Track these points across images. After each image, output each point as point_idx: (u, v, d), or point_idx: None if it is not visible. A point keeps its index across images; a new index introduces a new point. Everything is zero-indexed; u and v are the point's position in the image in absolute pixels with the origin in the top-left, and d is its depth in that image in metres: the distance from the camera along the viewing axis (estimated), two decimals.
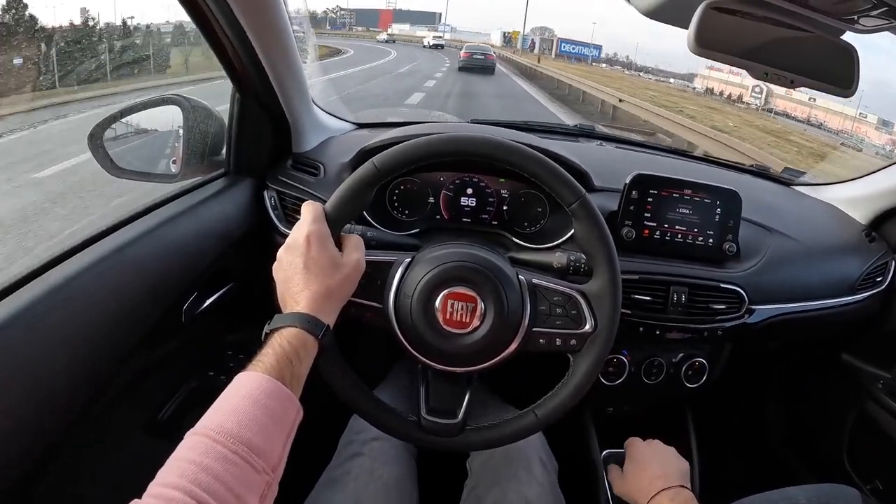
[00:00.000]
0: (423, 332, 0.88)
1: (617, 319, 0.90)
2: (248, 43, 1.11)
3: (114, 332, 0.95)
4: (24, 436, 0.78)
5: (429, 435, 0.92)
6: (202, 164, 1.31)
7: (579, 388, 0.89)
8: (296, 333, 0.74)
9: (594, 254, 0.90)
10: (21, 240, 2.82)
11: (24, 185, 3.68)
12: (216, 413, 0.63)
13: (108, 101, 5.24)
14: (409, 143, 0.88)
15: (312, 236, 0.81)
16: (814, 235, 1.43)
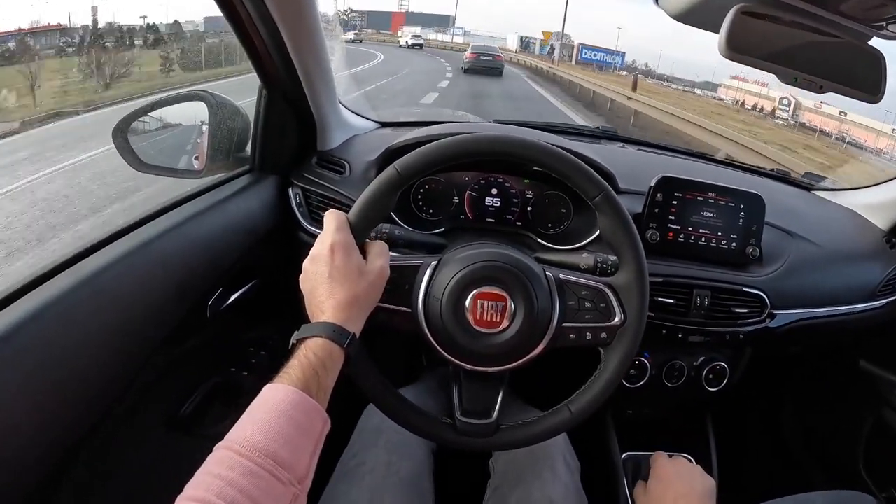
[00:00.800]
0: (453, 334, 0.88)
1: (646, 311, 0.90)
2: (279, 38, 1.11)
3: (140, 327, 0.95)
4: (53, 428, 0.79)
5: (464, 437, 0.91)
6: (227, 161, 1.32)
7: (611, 382, 0.89)
8: (322, 344, 0.74)
9: (620, 246, 0.90)
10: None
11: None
12: (242, 426, 0.64)
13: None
14: (430, 146, 0.88)
15: (336, 245, 0.81)
16: (835, 241, 1.43)
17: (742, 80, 30.26)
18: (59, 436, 0.81)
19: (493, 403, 0.93)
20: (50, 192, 3.89)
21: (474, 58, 21.57)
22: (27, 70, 5.20)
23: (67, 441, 0.83)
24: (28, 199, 3.75)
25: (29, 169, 4.15)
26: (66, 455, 0.83)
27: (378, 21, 67.18)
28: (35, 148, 4.62)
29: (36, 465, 0.77)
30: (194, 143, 1.33)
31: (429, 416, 0.93)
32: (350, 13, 71.30)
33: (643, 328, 0.90)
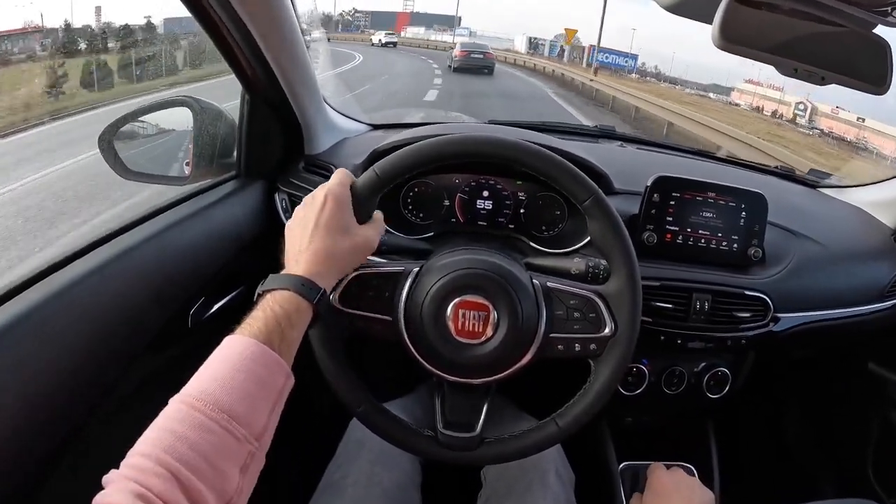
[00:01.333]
0: (435, 344, 0.85)
1: (638, 321, 0.87)
2: (254, 43, 1.09)
3: (118, 338, 0.94)
4: (23, 442, 0.77)
5: (446, 450, 0.89)
6: (212, 167, 1.30)
7: (601, 395, 0.86)
8: (288, 297, 0.71)
9: (611, 253, 0.87)
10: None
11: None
12: (199, 379, 0.62)
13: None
14: (412, 147, 0.85)
15: (331, 195, 0.79)
16: (841, 240, 1.39)
17: (757, 84, 29.18)
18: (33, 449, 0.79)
19: (478, 416, 0.91)
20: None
21: (464, 55, 20.81)
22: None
23: (41, 454, 0.81)
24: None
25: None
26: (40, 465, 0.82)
27: (383, 21, 66.54)
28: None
29: (9, 479, 0.75)
30: (180, 149, 1.31)
31: (410, 428, 0.90)
32: (354, 13, 71.41)
33: (635, 339, 0.86)
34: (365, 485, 1.00)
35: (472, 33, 55.71)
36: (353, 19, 70.36)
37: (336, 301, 0.86)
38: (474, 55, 20.85)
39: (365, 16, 70.84)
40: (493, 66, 21.41)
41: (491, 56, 21.92)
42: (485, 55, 21.25)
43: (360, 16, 70.67)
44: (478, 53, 21.10)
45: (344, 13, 72.06)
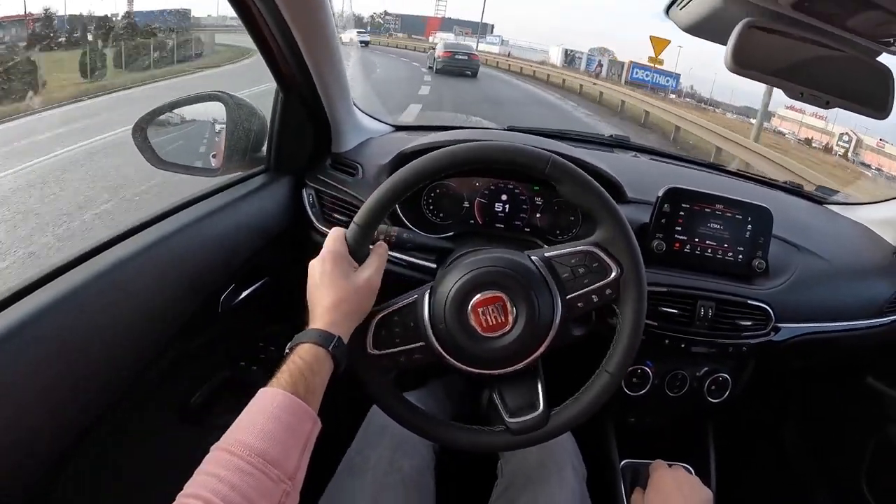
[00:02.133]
0: (470, 349, 0.88)
1: (639, 256, 0.89)
2: (293, 42, 1.14)
3: (155, 320, 0.98)
4: (63, 415, 0.82)
5: (523, 435, 0.91)
6: (243, 161, 1.34)
7: (635, 333, 0.89)
8: (307, 348, 0.78)
9: (588, 205, 0.90)
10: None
11: None
12: (236, 428, 0.68)
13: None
14: (380, 188, 0.89)
15: (328, 254, 0.86)
16: (844, 255, 1.42)
17: (799, 112, 26.35)
18: (68, 422, 0.83)
19: (536, 394, 0.93)
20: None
21: (448, 56, 19.69)
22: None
23: (77, 428, 0.85)
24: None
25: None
26: (75, 442, 0.86)
27: (412, 25, 65.34)
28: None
29: (44, 450, 0.80)
30: (211, 143, 1.35)
31: (486, 431, 0.93)
32: (385, 15, 70.02)
33: (643, 271, 0.90)
34: (385, 469, 1.05)
35: (503, 42, 51.99)
36: (383, 21, 68.67)
37: (371, 348, 0.90)
38: (459, 56, 19.94)
39: (395, 19, 69.59)
40: (477, 68, 20.54)
41: (476, 58, 21.16)
42: (470, 57, 20.47)
43: (391, 18, 69.39)
44: (462, 55, 20.16)
45: (375, 15, 70.59)
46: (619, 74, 35.43)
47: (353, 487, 1.03)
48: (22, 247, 3.28)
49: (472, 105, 12.94)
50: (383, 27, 66.40)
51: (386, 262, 0.91)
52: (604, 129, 12.32)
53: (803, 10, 0.86)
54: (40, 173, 4.22)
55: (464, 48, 21.51)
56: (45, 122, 4.88)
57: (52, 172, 4.32)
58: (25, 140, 4.58)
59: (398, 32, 61.37)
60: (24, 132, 4.59)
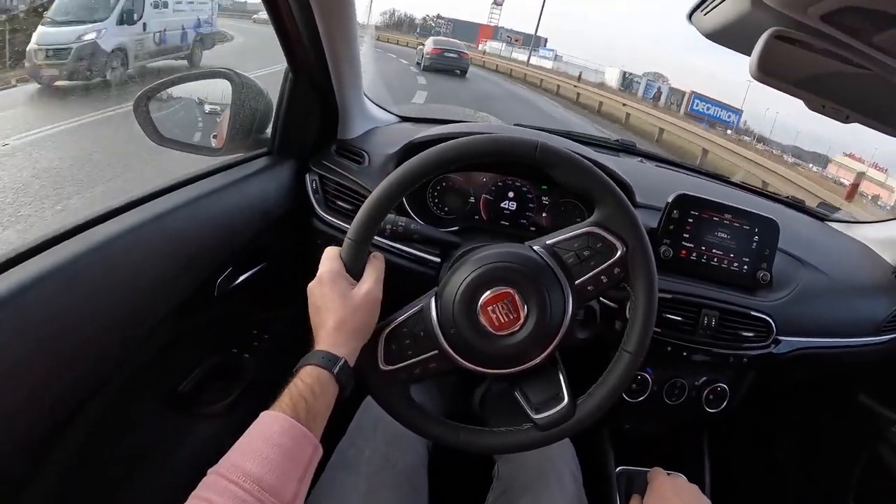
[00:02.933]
0: (485, 350, 0.86)
1: (642, 230, 0.87)
2: (312, 24, 1.12)
3: (149, 298, 0.96)
4: (49, 393, 0.80)
5: (552, 429, 0.88)
6: (247, 141, 1.32)
7: (650, 308, 0.87)
8: (309, 371, 0.76)
9: (583, 186, 0.88)
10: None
11: None
12: (234, 452, 0.66)
13: None
14: (370, 199, 0.86)
15: (322, 275, 0.84)
16: (844, 272, 1.42)
17: (856, 160, 24.19)
18: (53, 403, 0.81)
19: (559, 386, 0.90)
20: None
21: (437, 53, 18.81)
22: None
23: (62, 408, 0.83)
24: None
25: None
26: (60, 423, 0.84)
27: (464, 32, 61.82)
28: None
29: (27, 432, 0.78)
30: (216, 121, 1.33)
31: (511, 431, 0.90)
32: (437, 18, 68.18)
33: (648, 244, 0.87)
34: (380, 464, 1.03)
35: (557, 57, 47.05)
36: (435, 24, 67.01)
37: (384, 364, 0.88)
38: (448, 54, 19.12)
39: (447, 23, 67.74)
40: (467, 67, 19.89)
41: (467, 56, 20.32)
42: (460, 55, 19.61)
43: (443, 22, 67.77)
44: (452, 52, 19.32)
45: (428, 17, 69.11)
46: (679, 104, 32.07)
47: (346, 482, 1.00)
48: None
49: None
50: (434, 30, 64.56)
51: (384, 272, 0.88)
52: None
53: (831, 23, 0.85)
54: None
55: (454, 45, 20.49)
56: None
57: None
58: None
59: (452, 37, 59.82)
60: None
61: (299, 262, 1.35)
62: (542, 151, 0.86)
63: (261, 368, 1.36)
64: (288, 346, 1.44)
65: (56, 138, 4.49)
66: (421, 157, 0.87)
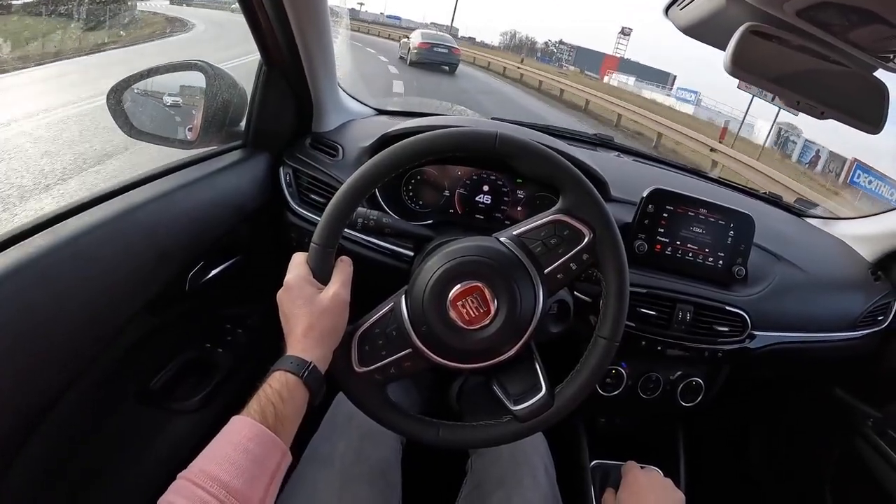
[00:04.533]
0: (458, 345, 0.85)
1: (608, 215, 0.86)
2: (283, 15, 1.10)
3: (118, 293, 0.95)
4: (22, 386, 0.78)
5: (532, 420, 0.87)
6: (220, 134, 1.31)
7: (621, 293, 0.86)
8: (277, 376, 0.76)
9: (546, 173, 0.87)
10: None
11: None
12: (202, 457, 0.67)
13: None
14: (332, 202, 0.85)
15: (289, 281, 0.84)
16: (821, 268, 1.43)
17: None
18: (23, 399, 0.80)
19: (537, 376, 0.89)
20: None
21: (426, 48, 17.02)
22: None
23: (33, 405, 0.82)
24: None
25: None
26: (32, 420, 0.83)
27: (587, 60, 58.58)
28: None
29: (2, 423, 0.77)
30: (188, 113, 1.31)
31: (491, 425, 0.90)
32: (560, 45, 66.06)
33: (616, 229, 0.86)
34: (353, 459, 1.02)
35: (697, 101, 35.52)
36: (556, 50, 65.50)
37: (358, 366, 0.87)
38: (438, 48, 17.30)
39: (570, 49, 65.42)
40: (457, 63, 18.11)
41: (457, 52, 18.27)
42: (450, 50, 17.69)
43: (565, 48, 65.74)
44: (442, 47, 17.43)
45: (550, 42, 67.33)
46: (837, 173, 24.40)
47: (319, 478, 1.00)
48: None
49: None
50: (555, 56, 62.09)
51: (351, 274, 0.88)
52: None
53: (806, 19, 0.85)
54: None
55: (443, 39, 18.53)
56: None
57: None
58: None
59: (570, 65, 55.27)
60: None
61: (273, 256, 1.33)
62: (501, 142, 0.85)
63: (234, 363, 1.35)
64: (261, 340, 1.43)
65: None
66: (377, 158, 0.86)
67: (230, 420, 0.71)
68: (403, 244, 1.21)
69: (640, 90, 37.38)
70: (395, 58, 18.12)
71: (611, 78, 44.43)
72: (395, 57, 18.15)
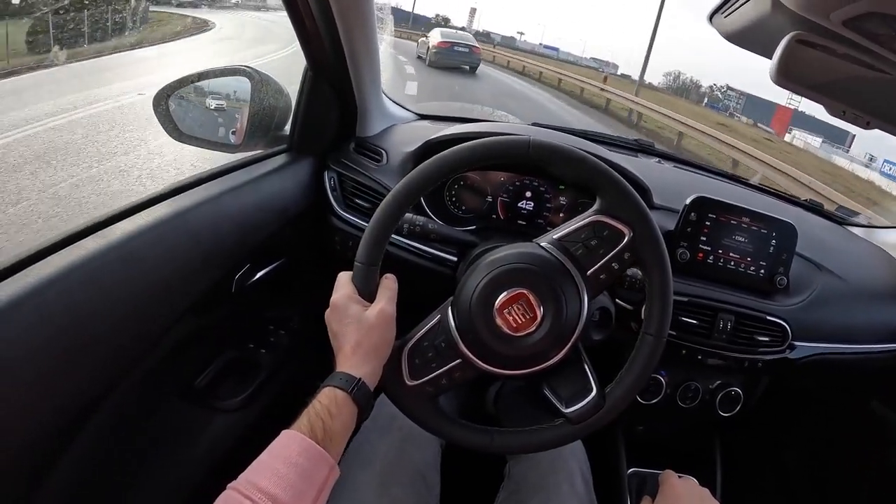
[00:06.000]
0: (507, 352, 0.86)
1: (647, 211, 0.87)
2: (331, 20, 1.12)
3: (166, 296, 0.97)
4: (67, 388, 0.81)
5: (584, 422, 0.88)
6: (265, 138, 1.33)
7: (665, 289, 0.87)
8: (326, 392, 0.78)
9: (582, 176, 0.88)
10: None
11: None
12: (251, 470, 0.68)
13: None
14: (371, 224, 0.87)
15: (335, 300, 0.86)
16: (862, 278, 1.41)
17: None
18: (71, 398, 0.82)
19: (587, 378, 0.89)
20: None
21: (446, 47, 16.61)
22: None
23: (80, 404, 0.84)
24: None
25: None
26: (78, 418, 0.85)
27: (759, 110, 53.01)
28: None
29: (46, 426, 0.79)
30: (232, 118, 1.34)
31: (545, 428, 0.90)
32: (727, 90, 63.98)
33: (655, 225, 0.87)
34: (394, 461, 1.04)
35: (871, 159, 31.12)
36: (722, 96, 62.93)
37: (410, 380, 0.88)
38: (458, 48, 16.86)
39: (738, 97, 62.01)
40: (478, 63, 17.80)
41: (478, 51, 17.87)
42: (471, 49, 17.26)
43: (734, 95, 62.67)
44: (462, 46, 16.99)
45: (715, 86, 64.88)
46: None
47: (360, 478, 1.01)
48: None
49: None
50: (722, 103, 58.83)
51: (397, 291, 0.89)
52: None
53: (853, 29, 0.84)
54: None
55: (463, 38, 18.06)
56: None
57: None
58: None
59: (739, 114, 48.99)
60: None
61: (316, 260, 1.35)
62: (535, 148, 0.86)
63: (276, 364, 1.37)
64: (304, 341, 1.45)
65: None
66: (415, 174, 0.87)
67: (280, 434, 0.72)
68: (448, 250, 1.22)
69: (830, 156, 29.26)
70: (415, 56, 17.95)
71: (792, 136, 37.80)
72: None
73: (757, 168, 9.83)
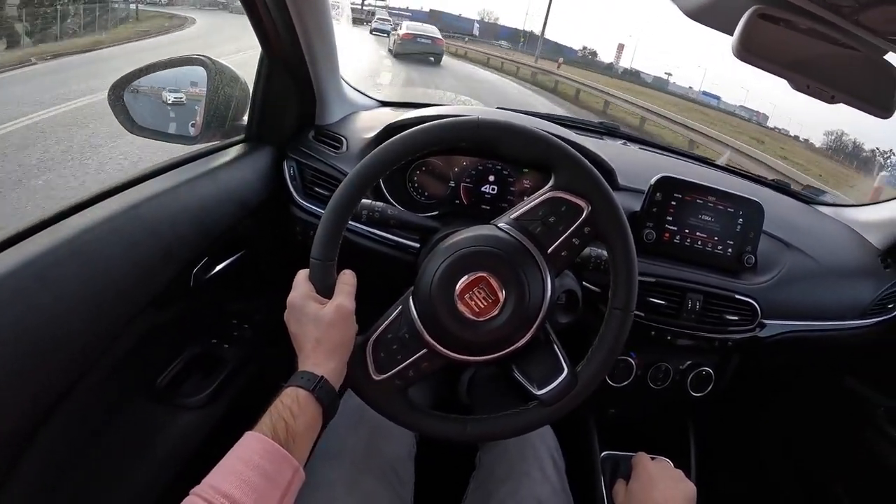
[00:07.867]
0: (472, 339, 0.84)
1: (604, 184, 0.85)
2: (284, 7, 1.09)
3: (123, 291, 0.94)
4: (26, 387, 0.77)
5: (556, 403, 0.86)
6: (222, 129, 1.30)
7: (629, 261, 0.85)
8: (288, 392, 0.76)
9: (535, 153, 0.86)
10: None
11: None
12: (213, 473, 0.67)
13: None
14: (324, 216, 0.84)
15: (294, 300, 0.84)
16: (830, 256, 1.42)
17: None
18: (29, 400, 0.79)
19: (558, 359, 0.87)
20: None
21: (409, 38, 17.39)
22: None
23: (39, 405, 0.81)
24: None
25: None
26: (38, 420, 0.82)
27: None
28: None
29: (8, 423, 0.76)
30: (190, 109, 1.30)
31: (518, 413, 0.88)
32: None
33: (613, 197, 0.85)
34: (364, 455, 1.02)
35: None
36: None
37: (376, 374, 0.86)
38: (421, 39, 17.68)
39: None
40: (441, 53, 18.55)
41: (441, 43, 18.81)
42: (433, 41, 18.09)
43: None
44: (425, 38, 17.82)
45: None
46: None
47: (330, 473, 0.99)
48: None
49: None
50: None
51: (355, 285, 0.87)
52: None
53: (816, 1, 0.83)
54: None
55: (427, 30, 18.88)
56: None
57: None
58: None
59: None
60: None
61: (278, 250, 1.33)
62: (483, 127, 0.84)
63: (241, 358, 1.35)
64: (268, 335, 1.42)
65: None
66: (365, 162, 0.85)
67: (243, 436, 0.71)
68: (409, 236, 1.20)
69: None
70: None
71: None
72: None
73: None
